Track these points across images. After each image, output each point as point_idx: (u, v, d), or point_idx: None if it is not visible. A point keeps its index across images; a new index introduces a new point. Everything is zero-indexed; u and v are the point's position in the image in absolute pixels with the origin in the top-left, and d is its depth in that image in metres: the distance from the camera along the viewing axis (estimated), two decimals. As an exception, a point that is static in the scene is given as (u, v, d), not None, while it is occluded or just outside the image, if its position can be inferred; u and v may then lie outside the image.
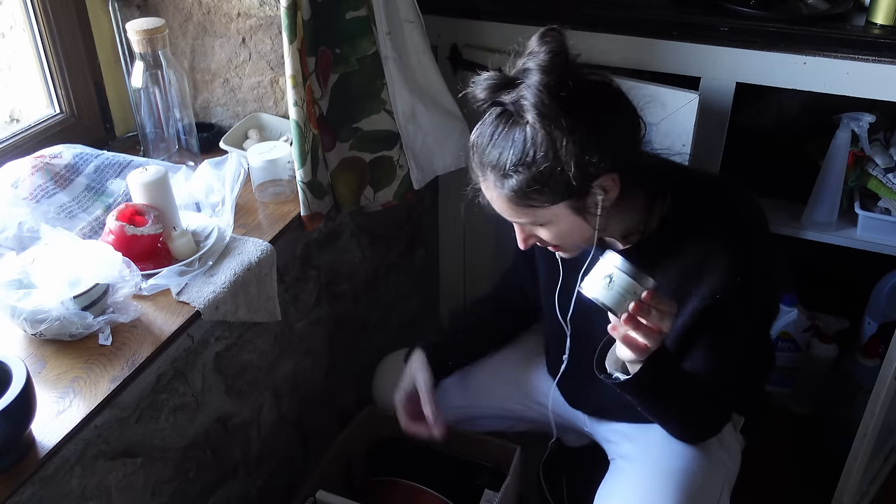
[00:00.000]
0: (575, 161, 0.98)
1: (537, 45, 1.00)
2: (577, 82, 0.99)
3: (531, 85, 0.97)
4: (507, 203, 1.06)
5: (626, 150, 1.06)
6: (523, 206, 1.04)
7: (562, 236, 1.10)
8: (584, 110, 0.99)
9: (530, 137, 0.99)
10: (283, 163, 1.38)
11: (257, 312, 1.27)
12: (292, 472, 1.62)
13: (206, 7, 1.45)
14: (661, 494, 1.18)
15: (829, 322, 2.05)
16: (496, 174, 1.03)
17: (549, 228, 1.09)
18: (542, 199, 1.03)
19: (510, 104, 1.00)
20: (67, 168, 1.26)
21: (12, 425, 0.88)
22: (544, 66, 0.97)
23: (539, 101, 0.97)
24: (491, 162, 1.03)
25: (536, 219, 1.07)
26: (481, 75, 1.02)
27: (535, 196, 1.02)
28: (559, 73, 0.97)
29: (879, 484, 1.80)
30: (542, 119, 0.97)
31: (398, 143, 1.50)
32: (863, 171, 1.69)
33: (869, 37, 1.43)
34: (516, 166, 1.00)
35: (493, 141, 1.03)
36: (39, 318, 1.02)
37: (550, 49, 0.98)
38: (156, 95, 1.38)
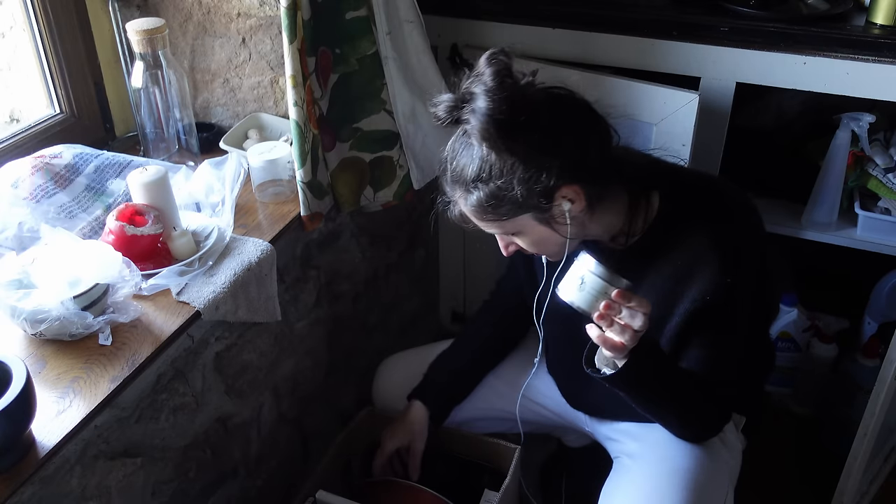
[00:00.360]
0: (524, 181, 1.02)
1: (484, 65, 1.02)
2: (525, 102, 1.01)
3: (475, 110, 1.00)
4: (473, 216, 1.10)
5: (590, 159, 1.07)
6: (488, 219, 1.09)
7: (536, 245, 1.13)
8: (532, 130, 1.01)
9: (485, 156, 1.03)
10: (283, 163, 1.38)
11: (257, 312, 1.27)
12: (292, 472, 1.62)
13: (206, 7, 1.45)
14: (668, 493, 1.18)
15: (829, 322, 2.05)
16: (461, 189, 1.08)
17: (521, 238, 1.13)
18: (504, 213, 1.06)
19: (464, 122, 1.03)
20: (67, 168, 1.26)
21: (12, 425, 0.88)
22: (488, 90, 0.99)
23: (482, 127, 0.99)
24: (455, 177, 1.08)
25: (505, 230, 1.11)
26: (441, 96, 1.06)
27: (497, 210, 1.06)
28: (503, 97, 0.99)
29: (879, 484, 1.80)
30: (487, 143, 1.01)
31: (398, 143, 1.50)
32: (863, 171, 1.69)
33: (869, 37, 1.43)
34: (475, 181, 1.05)
35: (457, 156, 1.07)
36: (39, 318, 1.02)
37: (495, 71, 1.00)
38: (156, 95, 1.38)
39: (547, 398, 1.46)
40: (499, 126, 0.99)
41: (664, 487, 1.19)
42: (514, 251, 1.17)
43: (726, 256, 1.10)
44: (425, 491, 1.39)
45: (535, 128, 1.01)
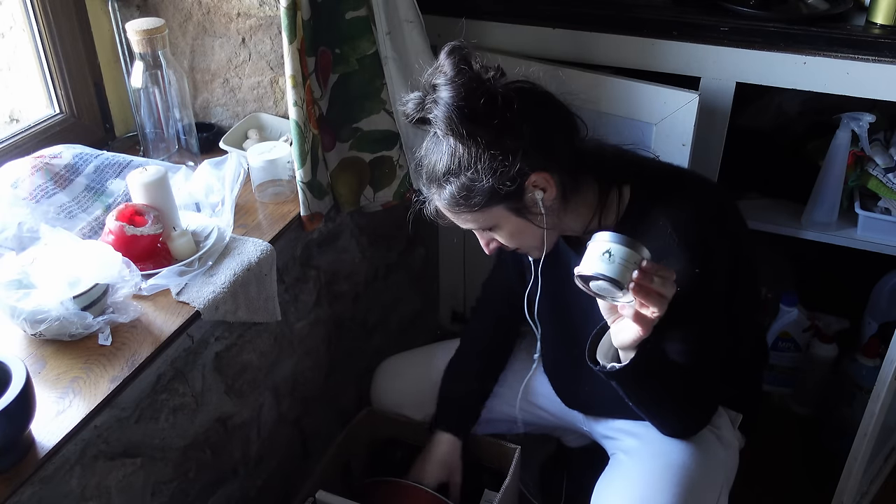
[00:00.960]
0: (491, 169, 1.04)
1: (444, 59, 1.05)
2: (484, 89, 1.03)
3: (437, 100, 1.03)
4: (447, 211, 1.11)
5: (557, 147, 1.09)
6: (462, 212, 1.10)
7: (514, 237, 1.14)
8: (493, 115, 1.03)
9: (453, 148, 1.05)
10: (283, 163, 1.38)
11: (257, 312, 1.27)
12: (292, 472, 1.62)
13: (205, 7, 1.45)
14: (661, 487, 1.18)
15: (829, 322, 2.05)
16: (435, 185, 1.09)
17: (499, 232, 1.13)
18: (476, 203, 1.07)
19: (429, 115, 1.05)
20: (67, 168, 1.26)
21: (12, 425, 0.88)
22: (450, 82, 1.03)
23: (445, 115, 1.02)
24: (429, 174, 1.10)
25: (480, 223, 1.12)
26: (410, 94, 1.08)
27: (469, 202, 1.07)
28: (461, 83, 1.02)
29: (879, 484, 1.80)
30: (451, 131, 1.03)
31: (398, 143, 1.50)
32: (863, 171, 1.69)
33: (869, 37, 1.43)
34: (446, 175, 1.06)
35: (428, 153, 1.09)
36: (39, 318, 1.02)
37: (455, 64, 1.03)
38: (156, 95, 1.38)
39: (544, 398, 1.46)
40: (460, 112, 1.01)
41: (657, 482, 1.19)
42: (495, 248, 1.18)
43: (693, 248, 1.10)
44: (425, 491, 1.39)
45: (495, 113, 1.03)
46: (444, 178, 1.07)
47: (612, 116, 1.56)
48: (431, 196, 1.13)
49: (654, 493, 1.18)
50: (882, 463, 1.81)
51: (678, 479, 1.18)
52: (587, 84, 1.55)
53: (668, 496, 1.16)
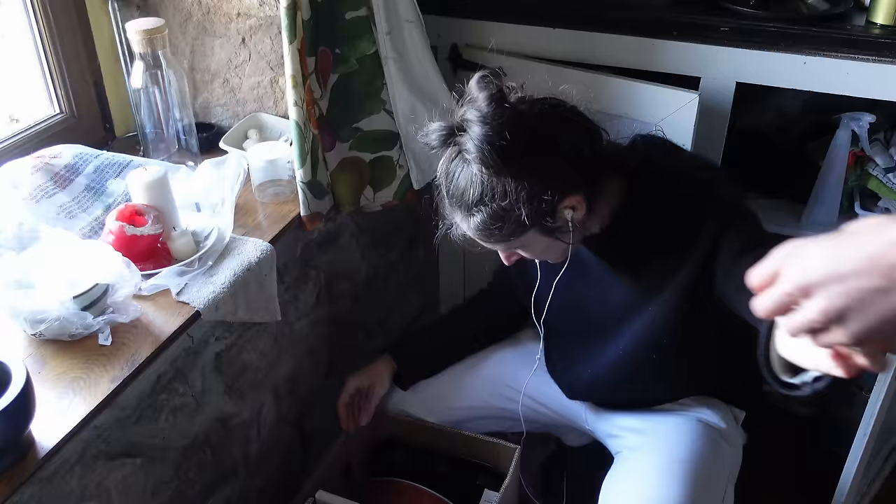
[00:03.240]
0: (527, 201, 1.01)
1: (476, 90, 1.02)
2: (521, 124, 1.00)
3: (473, 138, 0.99)
4: (477, 237, 1.09)
5: (586, 168, 1.07)
6: (493, 240, 1.08)
7: (541, 254, 1.14)
8: (530, 150, 1.00)
9: (486, 179, 1.02)
10: (283, 163, 1.38)
11: (257, 312, 1.27)
12: (292, 472, 1.62)
13: (205, 7, 1.45)
14: (669, 482, 1.18)
15: (829, 322, 2.05)
16: (462, 212, 1.07)
17: (526, 250, 1.13)
18: (510, 232, 1.06)
19: (464, 148, 1.02)
20: (67, 168, 1.26)
21: (12, 425, 0.88)
22: (483, 116, 0.99)
23: (481, 154, 0.99)
24: (455, 200, 1.07)
25: (510, 246, 1.11)
26: (432, 125, 1.04)
27: (502, 231, 1.05)
28: (499, 122, 0.98)
29: (879, 484, 1.80)
30: (487, 170, 1.00)
31: (398, 143, 1.50)
32: (863, 171, 1.69)
33: (869, 37, 1.43)
34: (478, 204, 1.04)
35: (455, 180, 1.06)
36: (39, 318, 1.02)
37: (489, 95, 1.00)
38: (156, 95, 1.38)
39: (546, 396, 1.46)
40: (499, 151, 0.98)
41: (665, 477, 1.19)
42: (516, 260, 1.18)
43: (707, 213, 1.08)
44: (425, 491, 1.39)
45: (533, 148, 1.01)
46: (476, 207, 1.04)
47: (612, 116, 1.56)
48: (457, 221, 1.10)
49: (663, 487, 1.18)
50: (882, 463, 1.81)
51: (685, 474, 1.19)
52: (587, 84, 1.55)
53: (677, 490, 1.17)
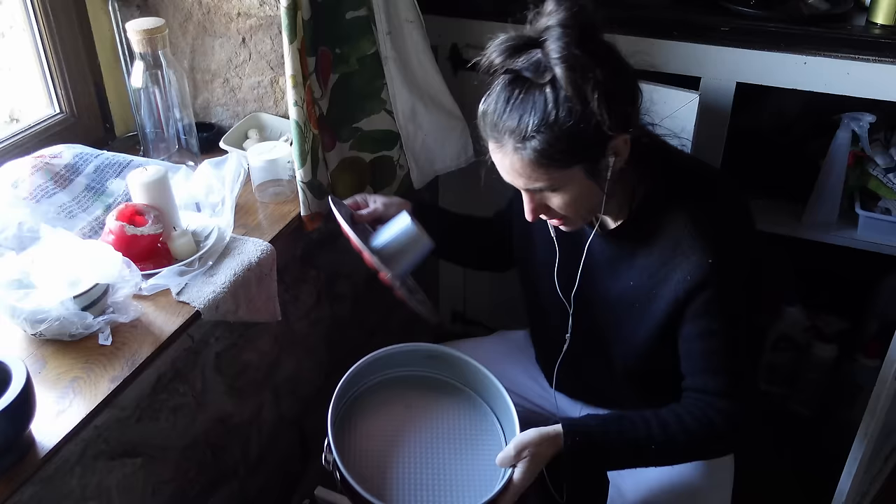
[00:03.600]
0: (602, 113, 0.99)
1: (555, 5, 1.00)
2: (595, 39, 1.01)
3: (556, 39, 0.98)
4: (526, 166, 1.03)
5: (635, 113, 1.07)
6: (543, 167, 1.02)
7: (573, 202, 1.08)
8: (604, 65, 1.00)
9: (551, 98, 0.99)
10: (283, 163, 1.38)
11: (257, 312, 1.27)
12: (292, 472, 1.62)
13: (206, 7, 1.45)
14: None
15: (829, 322, 2.05)
16: (515, 138, 1.01)
17: (561, 194, 1.07)
18: (563, 160, 1.02)
19: (527, 69, 1.00)
20: (67, 168, 1.26)
21: (12, 425, 0.88)
22: (566, 21, 0.98)
23: (567, 53, 0.97)
24: (510, 128, 1.01)
25: (552, 183, 1.05)
26: (497, 38, 1.02)
27: (557, 156, 1.01)
28: (581, 28, 0.99)
29: (879, 484, 1.80)
30: (571, 72, 0.97)
31: (398, 143, 1.50)
32: (863, 171, 1.69)
33: (869, 37, 1.43)
34: (538, 127, 0.99)
35: (510, 107, 1.01)
36: (39, 318, 1.02)
37: (570, 6, 0.99)
38: (156, 95, 1.38)
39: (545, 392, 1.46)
40: (583, 52, 0.97)
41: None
42: (539, 216, 1.11)
43: (707, 237, 1.08)
44: None
45: (607, 64, 1.00)
46: (536, 130, 1.00)
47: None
48: (507, 150, 1.04)
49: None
50: (882, 463, 1.81)
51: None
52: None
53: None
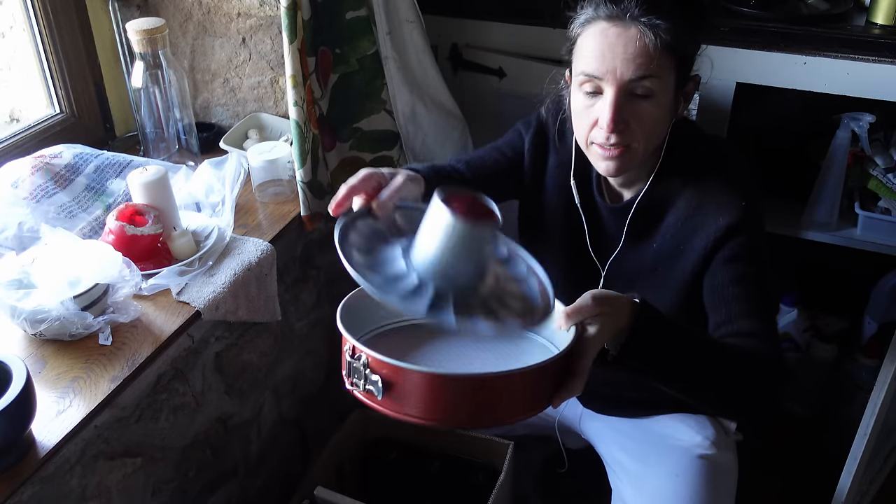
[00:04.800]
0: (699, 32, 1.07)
1: None
2: None
3: None
4: (650, 48, 1.00)
5: None
6: (664, 55, 1.01)
7: (653, 123, 1.06)
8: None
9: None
10: (283, 163, 1.38)
11: (257, 312, 1.27)
12: (292, 472, 1.62)
13: (206, 7, 1.45)
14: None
15: (829, 322, 2.05)
16: (649, 13, 0.99)
17: (652, 106, 1.04)
18: (680, 55, 1.04)
19: None
20: (67, 168, 1.26)
21: (12, 425, 0.88)
22: None
23: None
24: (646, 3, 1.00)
25: (659, 80, 1.02)
26: None
27: (678, 48, 1.02)
28: None
29: (879, 484, 1.80)
30: None
31: (398, 143, 1.50)
32: (863, 171, 1.69)
33: (869, 37, 1.43)
34: (674, 7, 1.01)
35: None
36: (39, 318, 1.02)
37: None
38: (156, 95, 1.38)
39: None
40: None
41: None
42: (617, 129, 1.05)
43: (737, 182, 1.10)
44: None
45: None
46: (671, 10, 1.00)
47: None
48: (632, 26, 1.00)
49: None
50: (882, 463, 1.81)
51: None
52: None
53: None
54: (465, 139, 1.62)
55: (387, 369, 0.81)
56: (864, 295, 1.96)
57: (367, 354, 0.83)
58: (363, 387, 0.84)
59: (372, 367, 0.83)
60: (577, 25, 1.06)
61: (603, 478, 1.39)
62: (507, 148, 1.28)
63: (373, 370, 0.83)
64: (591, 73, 1.03)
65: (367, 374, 0.83)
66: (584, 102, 1.06)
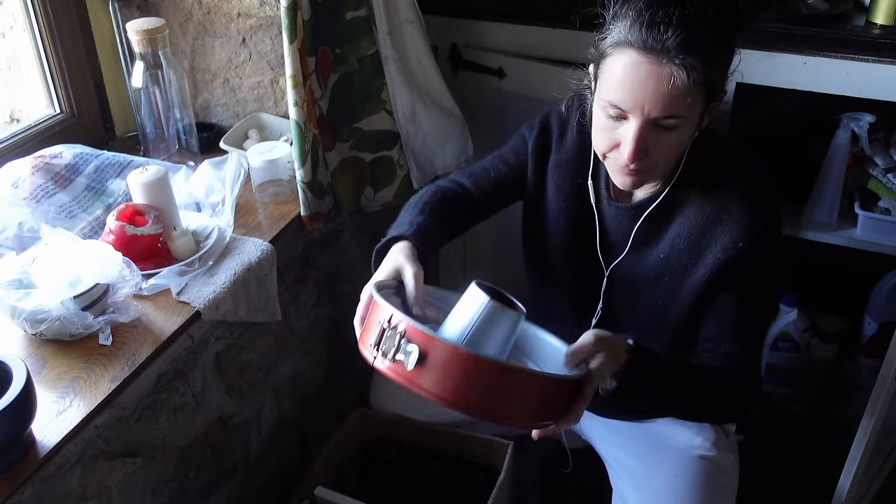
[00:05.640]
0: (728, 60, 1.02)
1: None
2: None
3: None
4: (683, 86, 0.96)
5: None
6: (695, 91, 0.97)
7: (676, 148, 1.04)
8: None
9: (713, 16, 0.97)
10: (283, 163, 1.38)
11: (257, 312, 1.27)
12: (292, 472, 1.62)
13: (206, 7, 1.45)
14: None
15: (829, 322, 2.05)
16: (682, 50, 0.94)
17: (676, 133, 1.02)
18: (710, 88, 0.99)
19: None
20: (67, 168, 1.26)
21: (12, 425, 0.88)
22: None
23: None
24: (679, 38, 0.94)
25: (687, 113, 1.00)
26: None
27: (709, 83, 0.98)
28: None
29: (879, 484, 1.80)
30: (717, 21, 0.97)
31: (398, 143, 1.50)
32: (863, 171, 1.69)
33: (869, 37, 1.43)
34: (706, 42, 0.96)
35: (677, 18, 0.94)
36: (39, 318, 1.02)
37: None
38: (156, 95, 1.39)
39: None
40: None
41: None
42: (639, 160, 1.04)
43: (756, 204, 1.08)
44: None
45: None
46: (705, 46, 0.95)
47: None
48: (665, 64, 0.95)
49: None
50: (882, 463, 1.81)
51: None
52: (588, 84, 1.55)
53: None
54: (465, 139, 1.62)
55: (425, 341, 0.84)
56: (864, 295, 1.96)
57: (408, 324, 0.86)
58: (393, 356, 0.87)
59: (409, 336, 0.86)
60: (608, 44, 1.00)
61: (603, 477, 1.39)
62: (510, 155, 1.27)
63: (409, 339, 0.86)
64: (617, 105, 0.99)
65: (403, 344, 0.86)
66: (607, 124, 1.03)
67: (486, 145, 1.76)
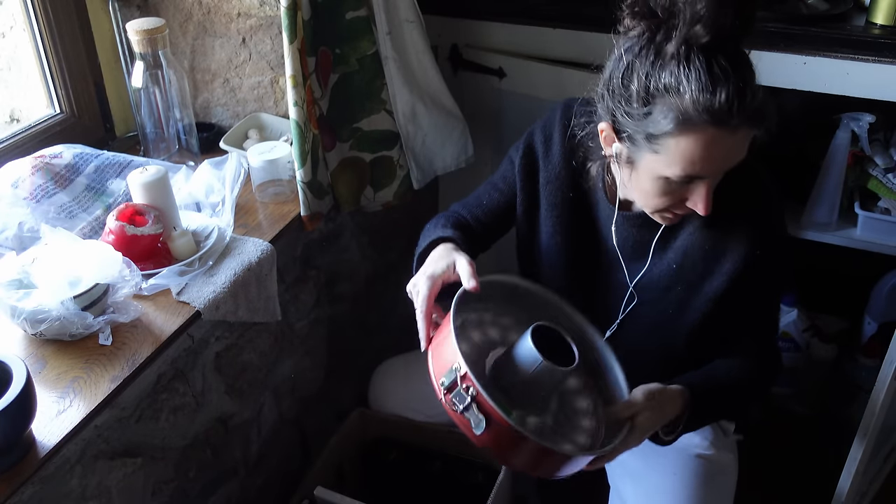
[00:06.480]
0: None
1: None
2: None
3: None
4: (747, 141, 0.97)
5: None
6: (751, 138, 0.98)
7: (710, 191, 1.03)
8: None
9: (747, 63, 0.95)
10: (283, 163, 1.38)
11: (257, 312, 1.27)
12: (292, 472, 1.62)
13: (206, 7, 1.45)
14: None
15: (829, 322, 2.05)
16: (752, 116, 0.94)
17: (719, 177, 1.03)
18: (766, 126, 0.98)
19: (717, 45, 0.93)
20: (67, 168, 1.26)
21: (12, 425, 0.88)
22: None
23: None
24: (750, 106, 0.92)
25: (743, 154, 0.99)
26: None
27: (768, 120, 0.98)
28: None
29: (879, 484, 1.80)
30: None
31: (398, 143, 1.50)
32: (863, 171, 1.69)
33: (869, 37, 1.43)
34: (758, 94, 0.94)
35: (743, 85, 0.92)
36: (39, 318, 1.02)
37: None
38: (156, 95, 1.39)
39: None
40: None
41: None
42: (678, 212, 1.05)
43: (766, 209, 1.10)
44: None
45: None
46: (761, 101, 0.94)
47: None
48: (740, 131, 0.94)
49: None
50: (882, 463, 1.81)
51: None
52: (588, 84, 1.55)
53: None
54: (465, 139, 1.62)
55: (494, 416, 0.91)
56: (864, 295, 1.97)
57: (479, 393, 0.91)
58: (462, 411, 0.93)
59: (479, 403, 0.92)
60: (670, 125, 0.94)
61: (602, 476, 1.39)
62: (500, 180, 1.28)
63: (479, 405, 0.92)
64: (693, 175, 0.97)
65: (472, 407, 0.92)
66: (669, 188, 1.01)
67: (485, 145, 1.77)
